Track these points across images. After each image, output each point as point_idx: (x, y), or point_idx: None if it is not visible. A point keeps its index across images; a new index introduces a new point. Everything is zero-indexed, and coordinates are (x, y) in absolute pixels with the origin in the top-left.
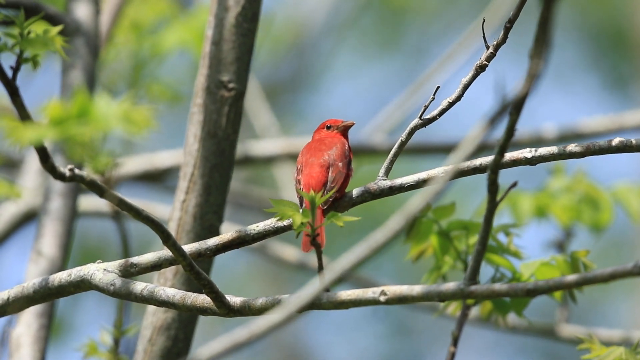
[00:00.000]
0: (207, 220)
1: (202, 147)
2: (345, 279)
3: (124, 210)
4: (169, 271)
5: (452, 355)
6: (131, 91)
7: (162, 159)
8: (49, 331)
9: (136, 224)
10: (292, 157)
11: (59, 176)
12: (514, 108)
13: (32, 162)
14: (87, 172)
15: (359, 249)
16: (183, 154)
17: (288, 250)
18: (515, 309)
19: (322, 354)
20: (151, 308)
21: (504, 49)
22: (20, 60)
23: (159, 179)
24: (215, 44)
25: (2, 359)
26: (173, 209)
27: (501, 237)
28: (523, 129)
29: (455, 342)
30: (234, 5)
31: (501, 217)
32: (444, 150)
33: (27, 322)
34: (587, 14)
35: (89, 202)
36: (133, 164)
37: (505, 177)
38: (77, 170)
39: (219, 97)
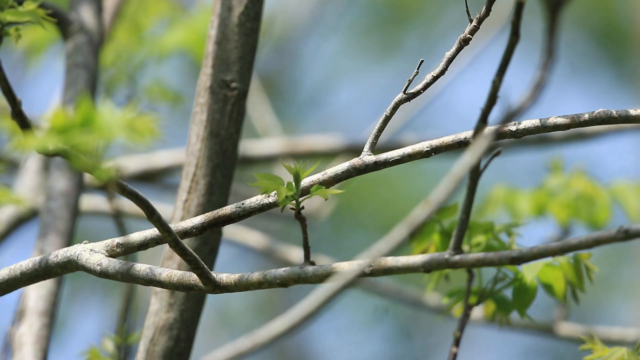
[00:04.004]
0: None
1: (204, 147)
2: (347, 288)
3: (109, 187)
4: (175, 263)
5: (454, 356)
6: (134, 97)
7: (161, 158)
8: (51, 330)
9: (136, 223)
10: (293, 157)
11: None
12: (497, 75)
13: (31, 162)
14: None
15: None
16: (185, 154)
17: (293, 252)
18: (518, 308)
19: (325, 358)
20: (153, 308)
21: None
22: (0, 34)
23: (158, 179)
24: (218, 44)
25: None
26: (175, 209)
27: (503, 237)
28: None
29: (457, 342)
30: (237, 5)
31: (500, 217)
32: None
33: (29, 321)
34: (594, 10)
35: (90, 202)
36: (132, 164)
37: (500, 176)
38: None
39: (221, 96)
